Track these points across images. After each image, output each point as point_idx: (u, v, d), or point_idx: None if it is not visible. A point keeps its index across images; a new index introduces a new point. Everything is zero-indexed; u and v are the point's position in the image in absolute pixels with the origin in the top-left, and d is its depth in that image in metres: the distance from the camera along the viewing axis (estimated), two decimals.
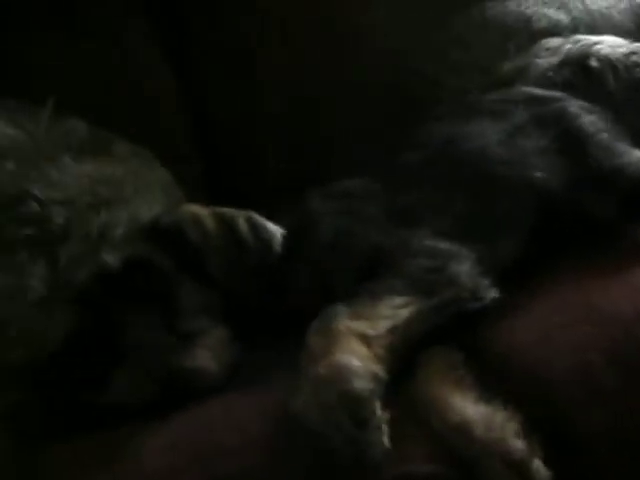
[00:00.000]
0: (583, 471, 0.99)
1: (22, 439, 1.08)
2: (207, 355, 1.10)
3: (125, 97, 1.54)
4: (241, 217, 1.22)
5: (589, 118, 1.37)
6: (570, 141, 1.34)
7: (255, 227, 1.22)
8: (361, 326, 1.00)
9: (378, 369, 0.96)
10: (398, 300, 1.05)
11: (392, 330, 1.02)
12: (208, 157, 1.66)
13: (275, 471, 0.95)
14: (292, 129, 1.66)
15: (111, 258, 1.14)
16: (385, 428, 0.92)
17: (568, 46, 1.60)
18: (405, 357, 1.04)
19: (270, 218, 1.24)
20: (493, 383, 1.04)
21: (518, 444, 0.96)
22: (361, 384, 0.92)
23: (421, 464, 0.96)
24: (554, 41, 1.65)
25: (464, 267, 1.12)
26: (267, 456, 0.95)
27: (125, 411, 1.04)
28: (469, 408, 1.00)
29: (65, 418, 1.08)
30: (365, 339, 0.99)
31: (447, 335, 1.11)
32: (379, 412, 0.93)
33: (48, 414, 1.09)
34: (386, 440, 0.92)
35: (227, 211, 1.24)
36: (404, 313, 1.04)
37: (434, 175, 1.29)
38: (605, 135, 1.35)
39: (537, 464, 0.95)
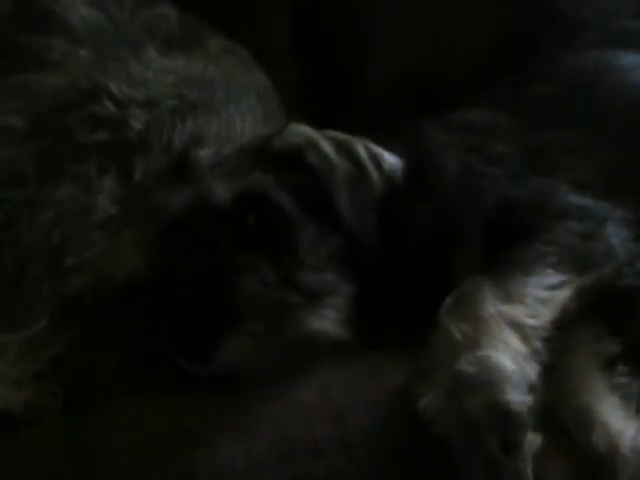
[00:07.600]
0: None
1: (74, 392, 0.91)
2: (334, 317, 0.92)
3: None
4: (359, 143, 1.02)
5: None
6: None
7: (374, 156, 1.02)
8: (517, 312, 0.82)
9: (534, 373, 0.78)
10: (554, 278, 0.87)
11: (553, 320, 0.83)
12: (305, 64, 1.44)
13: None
14: (410, 37, 1.42)
15: (218, 188, 0.93)
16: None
17: None
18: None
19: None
20: None
21: None
22: (516, 396, 0.75)
23: None
24: None
25: (620, 232, 0.95)
26: (364, 459, 0.78)
27: (228, 382, 0.85)
28: (621, 433, 0.82)
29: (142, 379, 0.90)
30: (521, 329, 0.81)
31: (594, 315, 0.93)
32: (531, 435, 0.74)
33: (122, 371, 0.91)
34: (530, 472, 0.74)
35: (342, 135, 1.04)
36: (561, 295, 0.86)
37: (575, 111, 1.14)
38: None
39: None
